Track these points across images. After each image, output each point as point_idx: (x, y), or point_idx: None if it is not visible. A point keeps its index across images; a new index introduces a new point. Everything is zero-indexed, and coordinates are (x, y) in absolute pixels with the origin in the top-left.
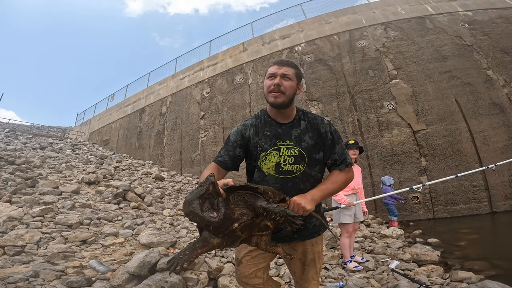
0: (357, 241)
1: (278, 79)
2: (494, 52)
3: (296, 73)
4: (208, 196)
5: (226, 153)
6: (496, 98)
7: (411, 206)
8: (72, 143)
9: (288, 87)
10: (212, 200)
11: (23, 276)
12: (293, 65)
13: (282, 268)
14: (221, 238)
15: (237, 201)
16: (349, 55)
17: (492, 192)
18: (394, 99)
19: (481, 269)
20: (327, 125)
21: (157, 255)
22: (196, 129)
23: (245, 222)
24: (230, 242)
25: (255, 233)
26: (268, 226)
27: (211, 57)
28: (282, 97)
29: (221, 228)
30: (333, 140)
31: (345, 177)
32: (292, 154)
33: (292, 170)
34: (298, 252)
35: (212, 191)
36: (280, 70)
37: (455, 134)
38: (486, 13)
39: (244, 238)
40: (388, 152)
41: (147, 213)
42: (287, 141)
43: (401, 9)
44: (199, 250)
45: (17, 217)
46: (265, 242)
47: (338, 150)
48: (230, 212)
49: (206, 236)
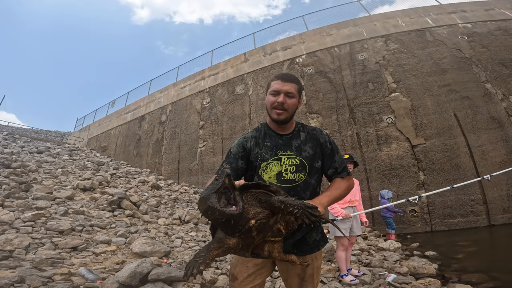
0: (354, 254)
1: (282, 97)
2: (492, 65)
3: (298, 89)
4: (224, 191)
5: (229, 166)
6: (495, 112)
7: (409, 219)
8: (70, 148)
9: (291, 104)
10: (228, 195)
11: (8, 281)
12: (296, 80)
13: (277, 281)
14: (237, 238)
15: (250, 201)
16: (349, 68)
17: (490, 205)
18: (393, 113)
19: (479, 281)
20: (326, 136)
21: (149, 266)
22: (195, 138)
23: (261, 220)
24: (246, 244)
25: (268, 238)
26: (281, 230)
27: (212, 66)
28: (285, 114)
29: (238, 226)
30: (332, 149)
31: (347, 184)
32: (293, 163)
33: (294, 178)
34: (297, 268)
35: (229, 184)
36: (284, 87)
37: (454, 148)
38: (485, 25)
39: (258, 245)
40: (387, 166)
41: (141, 222)
42: (288, 151)
43: (402, 21)
44: (215, 251)
45: (7, 221)
46: (277, 250)
47: (338, 159)
48: (245, 212)
49: (221, 237)
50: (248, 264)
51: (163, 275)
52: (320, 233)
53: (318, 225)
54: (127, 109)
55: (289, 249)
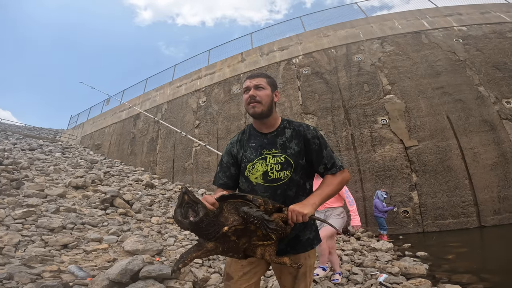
0: (346, 254)
1: (252, 90)
2: (486, 68)
3: (268, 82)
4: (187, 205)
5: (224, 175)
6: (487, 115)
7: (401, 220)
8: (62, 146)
9: (263, 95)
10: (194, 208)
11: None
12: (264, 75)
13: (270, 280)
14: (214, 242)
15: (230, 209)
16: (345, 69)
17: (480, 207)
18: (387, 115)
19: (469, 282)
20: (313, 131)
21: (141, 263)
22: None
23: (236, 226)
24: (229, 248)
25: (255, 241)
26: (269, 236)
27: (209, 66)
28: (260, 107)
29: (212, 233)
30: (320, 144)
31: (339, 179)
32: (278, 162)
33: (279, 177)
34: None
35: (188, 200)
36: (253, 82)
37: (446, 150)
38: (480, 28)
39: (248, 248)
40: (380, 167)
41: (134, 220)
42: (272, 149)
43: (398, 23)
44: (194, 253)
45: None
46: (269, 253)
47: (326, 154)
48: (224, 220)
49: (201, 241)
50: (243, 262)
51: (154, 273)
52: (314, 231)
53: (311, 223)
54: (122, 107)
55: (283, 247)
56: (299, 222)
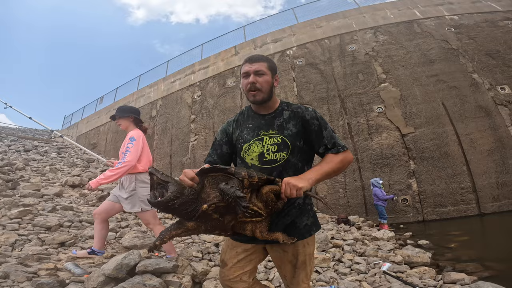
0: (348, 244)
1: (252, 77)
2: (479, 56)
3: (268, 66)
4: (159, 186)
5: (215, 153)
6: (482, 101)
7: (400, 208)
8: (58, 146)
9: (263, 82)
10: (166, 187)
11: None
12: (264, 58)
13: (271, 271)
14: (194, 221)
15: (212, 185)
16: (340, 59)
17: (479, 194)
18: (383, 103)
19: (474, 270)
20: (312, 112)
21: (137, 257)
22: (187, 132)
23: (216, 204)
24: (213, 226)
25: (241, 219)
26: (256, 211)
27: (202, 60)
28: (260, 94)
29: (192, 212)
30: (320, 125)
31: (341, 157)
32: (275, 142)
33: (276, 158)
34: (289, 254)
35: (157, 180)
36: (253, 67)
37: (442, 137)
38: (472, 17)
39: (236, 225)
40: (378, 155)
41: (132, 216)
42: (269, 130)
43: (390, 13)
44: (174, 231)
45: None
46: (260, 230)
47: (326, 134)
48: (206, 196)
49: (181, 220)
50: (238, 249)
51: (151, 267)
52: (312, 217)
53: (309, 208)
54: (116, 105)
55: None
56: (292, 197)
